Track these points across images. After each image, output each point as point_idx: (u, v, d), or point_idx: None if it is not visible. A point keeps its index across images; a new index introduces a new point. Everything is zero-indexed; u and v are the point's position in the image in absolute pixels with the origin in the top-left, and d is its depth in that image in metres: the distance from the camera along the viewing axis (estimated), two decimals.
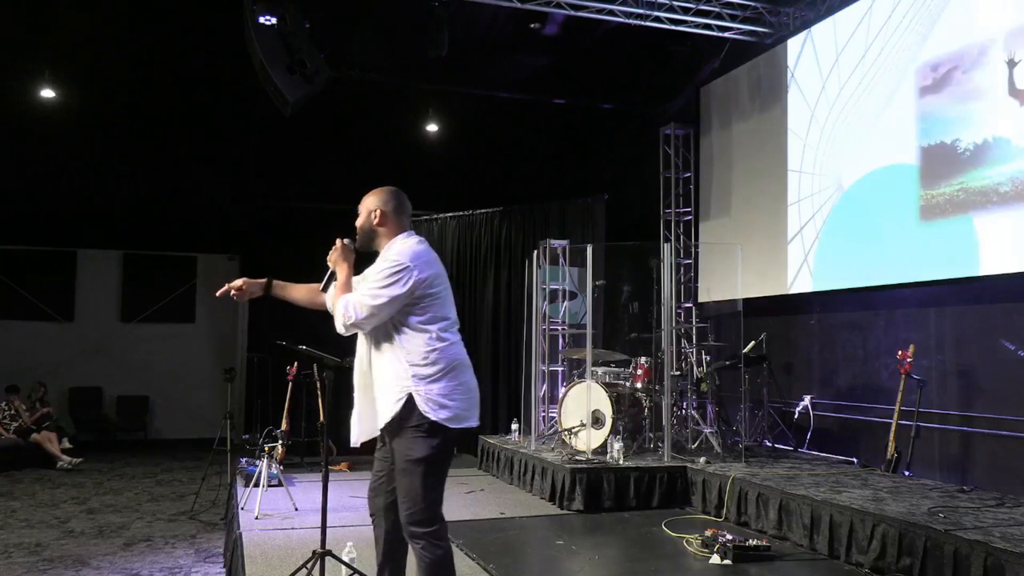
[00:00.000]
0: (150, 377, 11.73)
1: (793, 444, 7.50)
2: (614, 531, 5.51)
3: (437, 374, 3.02)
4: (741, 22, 8.27)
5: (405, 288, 3.01)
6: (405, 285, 3.01)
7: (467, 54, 8.70)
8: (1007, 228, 5.75)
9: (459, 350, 3.13)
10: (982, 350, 6.08)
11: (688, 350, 7.75)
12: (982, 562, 3.75)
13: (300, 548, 4.61)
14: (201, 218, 11.45)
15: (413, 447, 2.99)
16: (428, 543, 2.95)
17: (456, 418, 3.02)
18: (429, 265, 3.10)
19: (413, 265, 3.04)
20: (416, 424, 2.99)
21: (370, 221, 3.21)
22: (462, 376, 3.08)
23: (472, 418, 3.10)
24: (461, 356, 3.12)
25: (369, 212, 3.22)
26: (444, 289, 3.14)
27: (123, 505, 7.18)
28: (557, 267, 8.37)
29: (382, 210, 3.20)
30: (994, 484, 5.67)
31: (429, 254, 3.16)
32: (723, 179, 9.03)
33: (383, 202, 3.21)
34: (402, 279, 3.01)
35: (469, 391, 3.10)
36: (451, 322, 3.14)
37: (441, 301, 3.11)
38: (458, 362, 3.08)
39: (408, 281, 3.01)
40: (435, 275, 3.11)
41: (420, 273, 3.04)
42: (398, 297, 3.01)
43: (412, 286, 3.02)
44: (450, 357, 3.06)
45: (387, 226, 3.21)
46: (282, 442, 7.01)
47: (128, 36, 8.69)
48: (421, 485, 2.96)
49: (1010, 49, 5.78)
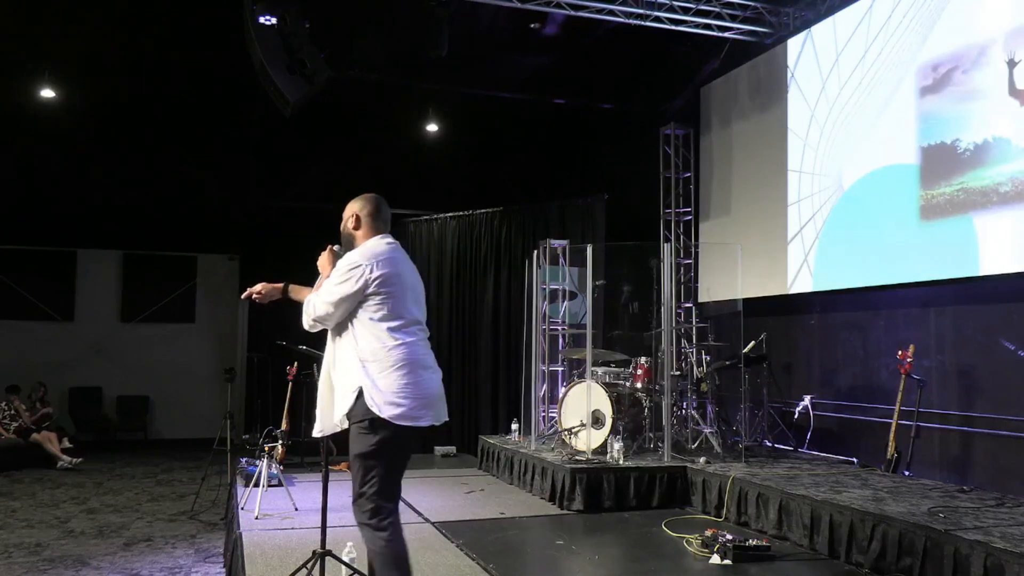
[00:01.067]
0: (150, 377, 11.73)
1: (793, 444, 7.50)
2: (614, 531, 5.51)
3: (386, 371, 3.11)
4: (741, 22, 8.27)
5: (356, 286, 3.15)
6: (357, 283, 3.15)
7: (467, 54, 8.69)
8: (1007, 228, 5.75)
9: (414, 350, 3.19)
10: (982, 350, 6.08)
11: (688, 350, 7.75)
12: (982, 562, 3.75)
13: (300, 548, 4.61)
14: (201, 218, 11.45)
15: (356, 440, 3.14)
16: (369, 532, 3.11)
17: (405, 416, 3.10)
18: (386, 264, 3.21)
19: (366, 264, 3.17)
20: (361, 419, 3.11)
21: (347, 226, 3.42)
22: (415, 375, 3.14)
23: (424, 418, 3.17)
24: (415, 356, 3.18)
25: (348, 216, 3.41)
26: (400, 288, 3.23)
27: (123, 505, 7.18)
28: (557, 267, 8.37)
29: (358, 215, 3.38)
30: (994, 484, 5.67)
31: (392, 254, 3.28)
32: (723, 179, 9.03)
33: (360, 207, 3.39)
34: (353, 277, 3.16)
35: (421, 390, 3.15)
36: (406, 322, 3.21)
37: (396, 300, 3.19)
38: (410, 361, 3.15)
39: (359, 279, 3.15)
40: (391, 274, 3.20)
41: (372, 272, 3.16)
42: (350, 295, 3.16)
43: (363, 284, 3.15)
44: (404, 355, 3.15)
45: (362, 229, 3.38)
46: (282, 442, 7.01)
47: (128, 36, 8.68)
48: (361, 478, 3.12)
49: (1010, 49, 5.78)
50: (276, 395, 8.44)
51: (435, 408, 3.22)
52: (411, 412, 3.11)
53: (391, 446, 3.12)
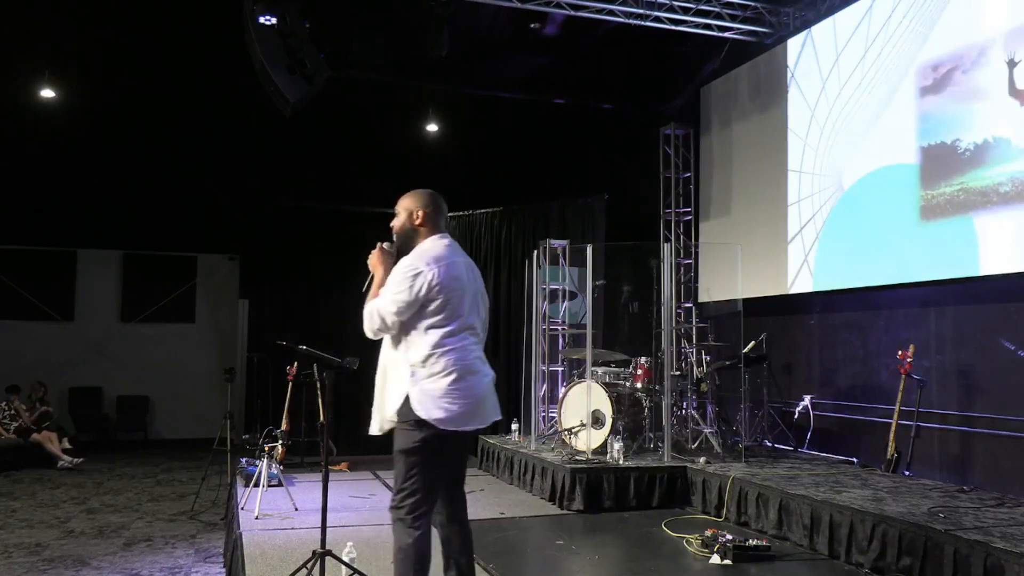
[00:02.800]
0: (150, 377, 11.72)
1: (793, 444, 7.50)
2: (614, 531, 5.51)
3: (436, 376, 3.10)
4: (741, 22, 8.27)
5: (417, 293, 3.11)
6: (417, 289, 3.11)
7: (467, 54, 8.69)
8: (1007, 228, 5.75)
9: (464, 355, 3.16)
10: (982, 350, 6.08)
11: (688, 350, 7.75)
12: (982, 562, 3.75)
13: (300, 548, 4.61)
14: (201, 218, 11.45)
15: (400, 437, 3.14)
16: (401, 528, 3.09)
17: (450, 420, 3.10)
18: (447, 269, 3.16)
19: (427, 268, 3.13)
20: (406, 419, 3.12)
21: (411, 221, 3.29)
22: (462, 381, 3.12)
23: (471, 422, 3.17)
24: (465, 361, 3.16)
25: (410, 212, 3.29)
26: (458, 294, 3.18)
27: (123, 505, 7.18)
28: (557, 267, 8.37)
29: (423, 211, 3.27)
30: (994, 484, 5.67)
31: (452, 257, 3.22)
32: (723, 179, 9.03)
33: (424, 204, 3.28)
34: (415, 283, 3.11)
35: (471, 395, 3.14)
36: (459, 327, 3.17)
37: (452, 306, 3.15)
38: (459, 367, 3.13)
39: (420, 285, 3.11)
40: (451, 279, 3.16)
41: (433, 277, 3.12)
42: (412, 301, 3.11)
43: (424, 289, 3.11)
44: (454, 360, 3.13)
45: (427, 227, 3.29)
46: (282, 442, 7.01)
47: (128, 36, 8.68)
48: (403, 475, 3.11)
49: (1010, 49, 5.78)
50: (276, 395, 8.44)
51: (482, 411, 3.20)
52: (456, 417, 3.10)
53: (434, 446, 3.11)
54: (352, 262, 11.79)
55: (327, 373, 4.08)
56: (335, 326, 10.06)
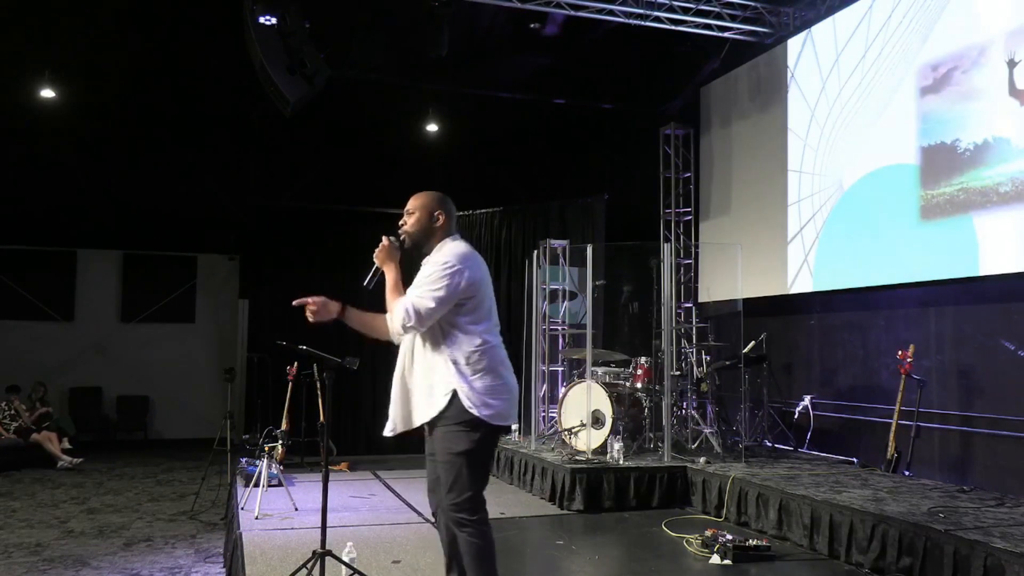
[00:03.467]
0: (150, 377, 11.72)
1: (793, 444, 7.50)
2: (614, 531, 5.51)
3: (480, 373, 3.14)
4: (741, 22, 8.27)
5: (457, 290, 3.14)
6: (457, 287, 3.14)
7: (467, 54, 8.70)
8: (1007, 228, 5.75)
9: (501, 351, 3.25)
10: (982, 350, 6.08)
11: (688, 350, 7.75)
12: (982, 562, 3.75)
13: (300, 548, 4.61)
14: (201, 218, 11.44)
15: (457, 441, 3.10)
16: (475, 530, 3.08)
17: (498, 415, 3.15)
18: (477, 267, 3.24)
19: (464, 266, 3.17)
20: (459, 420, 3.10)
21: (433, 222, 3.30)
22: (504, 376, 3.21)
23: (511, 416, 3.24)
24: (503, 356, 3.25)
25: (432, 213, 3.30)
26: (487, 290, 3.27)
27: (123, 505, 7.17)
28: (557, 267, 8.37)
29: (442, 213, 3.31)
30: (994, 484, 5.67)
31: (476, 257, 3.30)
32: (723, 179, 9.03)
33: (441, 205, 3.32)
34: (455, 281, 3.14)
35: (510, 391, 3.23)
36: (493, 323, 3.27)
37: (483, 302, 3.23)
38: (499, 362, 3.21)
39: (460, 283, 3.14)
40: (481, 276, 3.24)
41: (470, 275, 3.18)
42: (450, 297, 3.14)
43: (463, 287, 3.15)
44: (492, 357, 3.19)
45: (446, 228, 3.33)
46: (282, 442, 7.01)
47: (128, 36, 8.68)
48: (467, 476, 3.09)
49: (1010, 49, 5.79)
50: (276, 395, 8.43)
51: (516, 406, 3.30)
52: (503, 411, 3.17)
53: (488, 444, 3.19)
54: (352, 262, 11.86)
55: (327, 373, 4.08)
56: (335, 326, 10.04)
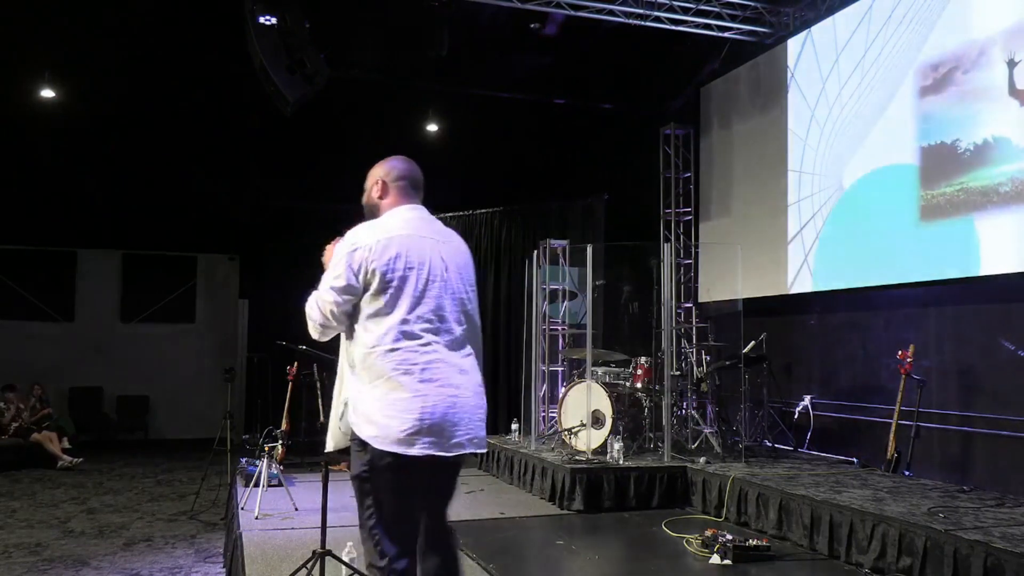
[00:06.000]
0: (150, 377, 11.72)
1: (793, 444, 7.50)
2: (614, 531, 5.51)
3: (373, 381, 2.44)
4: (741, 22, 8.27)
5: (354, 274, 2.46)
6: (353, 271, 2.46)
7: (467, 54, 8.69)
8: (1007, 228, 5.75)
9: (412, 356, 2.44)
10: (982, 350, 6.08)
11: (688, 350, 7.75)
12: (982, 562, 3.75)
13: (300, 548, 4.60)
14: (201, 218, 11.45)
15: (353, 461, 2.52)
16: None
17: (383, 439, 2.39)
18: (396, 243, 2.49)
19: (356, 242, 2.49)
20: (352, 436, 2.51)
21: (372, 195, 2.71)
22: (407, 390, 2.42)
23: (416, 444, 2.39)
24: (415, 363, 2.43)
25: (370, 185, 2.73)
26: (415, 274, 2.49)
27: (123, 505, 7.18)
28: (557, 267, 8.38)
29: (383, 180, 2.69)
30: (994, 484, 5.67)
31: (409, 229, 2.55)
32: (723, 179, 9.03)
33: (385, 172, 2.71)
34: (347, 262, 2.47)
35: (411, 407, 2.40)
36: (413, 318, 2.47)
37: (402, 290, 2.47)
38: (405, 370, 2.43)
39: (357, 266, 2.46)
40: (399, 255, 2.47)
41: (373, 253, 2.45)
42: (350, 286, 2.47)
43: (362, 271, 2.46)
44: (393, 362, 2.42)
45: (388, 198, 2.67)
46: (282, 442, 7.00)
47: (128, 36, 8.68)
48: (359, 505, 2.52)
49: (1010, 49, 5.78)
50: (276, 395, 8.43)
51: (440, 434, 2.43)
52: (395, 435, 2.38)
53: (384, 473, 2.43)
54: None
55: (327, 373, 4.07)
56: None
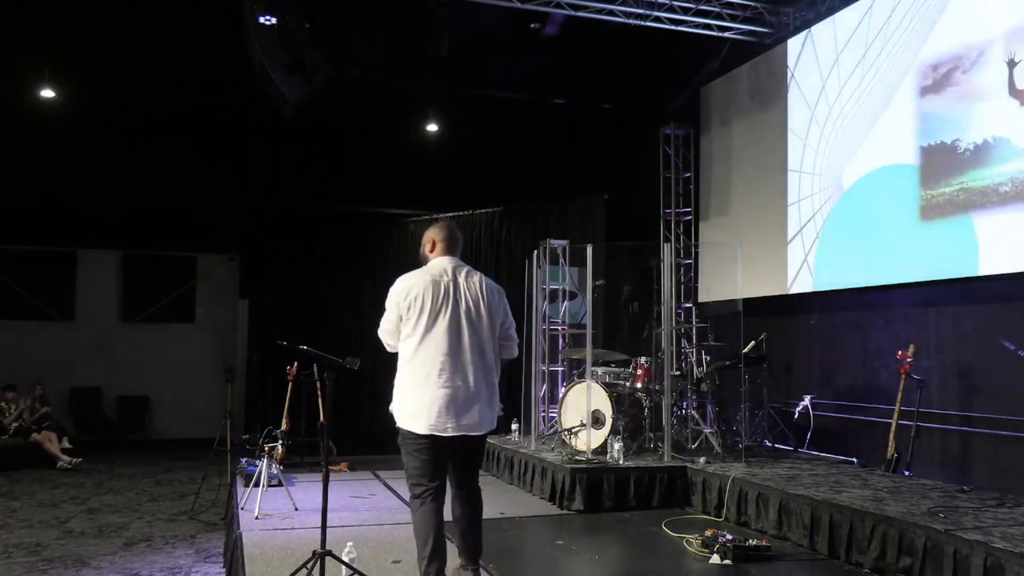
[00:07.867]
0: (150, 377, 11.72)
1: (793, 444, 7.50)
2: (614, 531, 5.50)
3: (400, 383, 3.66)
4: (741, 22, 8.27)
5: (392, 310, 3.66)
6: (391, 308, 3.66)
7: (467, 54, 8.69)
8: (1007, 228, 5.75)
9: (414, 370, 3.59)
10: (982, 350, 6.08)
11: (688, 350, 7.75)
12: (982, 562, 3.75)
13: (300, 548, 4.60)
14: (201, 218, 11.44)
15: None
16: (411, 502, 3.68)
17: (404, 420, 3.62)
18: (412, 288, 3.61)
19: (397, 290, 3.64)
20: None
21: (425, 250, 3.79)
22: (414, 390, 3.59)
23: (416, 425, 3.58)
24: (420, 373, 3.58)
25: (425, 243, 3.79)
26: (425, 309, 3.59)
27: (123, 505, 7.18)
28: (557, 267, 8.37)
29: (434, 239, 3.76)
30: (994, 484, 5.67)
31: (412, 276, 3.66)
32: (723, 179, 9.03)
33: (436, 233, 3.77)
34: (388, 306, 3.67)
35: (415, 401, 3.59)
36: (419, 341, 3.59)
37: (415, 322, 3.59)
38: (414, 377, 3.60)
39: (392, 307, 3.65)
40: (414, 297, 3.59)
41: (400, 296, 3.62)
42: (390, 319, 3.67)
43: (395, 309, 3.64)
44: (409, 372, 3.62)
45: (435, 253, 3.76)
46: (282, 442, 7.00)
47: (128, 36, 8.69)
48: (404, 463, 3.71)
49: (1010, 49, 5.79)
50: (276, 395, 8.43)
51: (433, 418, 3.56)
52: (408, 418, 3.60)
53: (410, 443, 3.63)
54: (352, 261, 11.84)
55: (327, 373, 4.07)
56: (335, 326, 10.06)
